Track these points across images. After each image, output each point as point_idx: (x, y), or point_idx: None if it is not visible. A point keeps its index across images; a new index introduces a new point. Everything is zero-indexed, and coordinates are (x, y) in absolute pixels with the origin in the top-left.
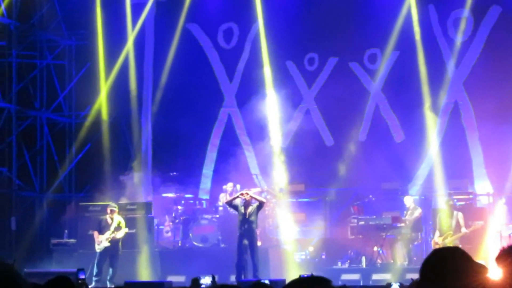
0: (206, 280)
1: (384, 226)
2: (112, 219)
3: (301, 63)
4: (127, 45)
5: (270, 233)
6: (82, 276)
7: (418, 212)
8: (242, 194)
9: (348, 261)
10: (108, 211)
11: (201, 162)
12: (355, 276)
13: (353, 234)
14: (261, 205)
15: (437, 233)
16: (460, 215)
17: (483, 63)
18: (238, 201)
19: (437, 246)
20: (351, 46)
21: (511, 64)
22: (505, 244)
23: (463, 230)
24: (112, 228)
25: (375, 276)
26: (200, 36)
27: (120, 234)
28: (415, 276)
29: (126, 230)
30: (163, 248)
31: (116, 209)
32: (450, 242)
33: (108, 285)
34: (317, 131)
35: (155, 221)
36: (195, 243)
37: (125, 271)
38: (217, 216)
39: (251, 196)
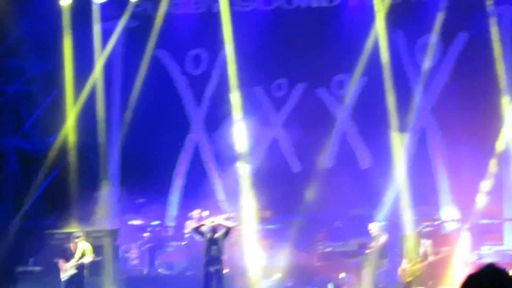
0: None
1: (351, 252)
2: (76, 247)
3: (269, 89)
4: (95, 71)
5: (236, 260)
6: None
7: (383, 238)
8: (209, 221)
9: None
10: (73, 239)
11: (168, 189)
12: None
13: (320, 261)
14: (228, 231)
15: (404, 260)
16: (427, 243)
17: (451, 89)
18: (204, 228)
19: (403, 272)
20: (319, 72)
21: (479, 90)
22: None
23: (430, 257)
24: (77, 256)
25: None
26: (168, 62)
27: (86, 260)
28: None
29: (93, 256)
30: (129, 276)
31: (81, 237)
32: (417, 269)
33: None
34: (284, 158)
35: (122, 248)
36: (161, 271)
37: None
38: (184, 243)
39: (218, 222)
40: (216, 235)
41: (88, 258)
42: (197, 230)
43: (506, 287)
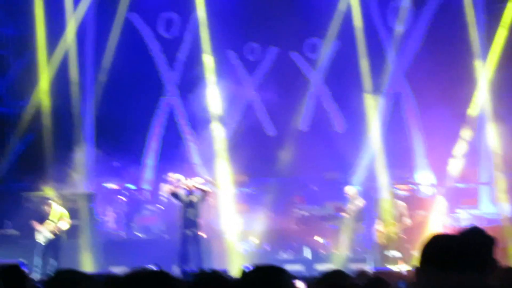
0: None
1: (327, 216)
2: (50, 209)
3: (242, 52)
4: (67, 34)
5: (213, 224)
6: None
7: (360, 202)
8: (185, 185)
9: (292, 251)
10: (48, 201)
11: (144, 152)
12: (298, 267)
13: (297, 224)
14: (204, 195)
15: (379, 222)
16: (403, 206)
17: (424, 53)
18: (181, 191)
19: (379, 235)
20: (292, 35)
21: (452, 54)
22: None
23: (407, 220)
24: (53, 219)
25: (318, 267)
26: (141, 26)
27: (63, 226)
28: (358, 266)
29: (69, 222)
30: (105, 239)
31: (54, 199)
32: (392, 231)
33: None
34: (259, 121)
35: (98, 211)
36: (138, 234)
37: (67, 263)
38: (160, 206)
39: (194, 186)
40: (193, 199)
41: (66, 225)
42: (173, 193)
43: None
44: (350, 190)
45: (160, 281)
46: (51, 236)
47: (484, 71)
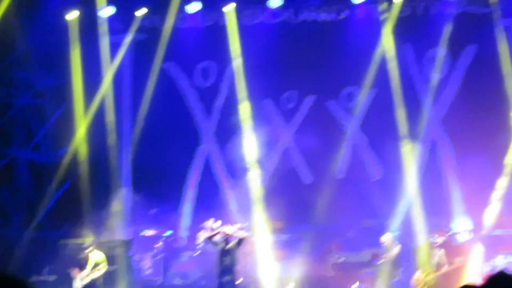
0: None
1: (364, 263)
2: (89, 257)
3: (279, 101)
4: (104, 84)
5: (249, 271)
6: None
7: (396, 249)
8: (222, 231)
9: None
10: (84, 249)
11: (180, 200)
12: None
13: (333, 271)
14: (241, 240)
15: (418, 271)
16: (441, 253)
17: (461, 101)
18: (218, 238)
19: (418, 284)
20: (329, 84)
21: (488, 103)
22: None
23: (444, 267)
24: (89, 267)
25: None
26: (177, 75)
27: (100, 271)
28: None
29: (106, 266)
30: (143, 286)
31: (92, 247)
32: (431, 279)
33: None
34: (295, 168)
35: (135, 258)
36: (176, 280)
37: None
38: (197, 253)
39: (231, 232)
40: (229, 245)
41: (102, 270)
42: (210, 240)
43: None
44: (387, 238)
45: None
46: (88, 281)
47: None
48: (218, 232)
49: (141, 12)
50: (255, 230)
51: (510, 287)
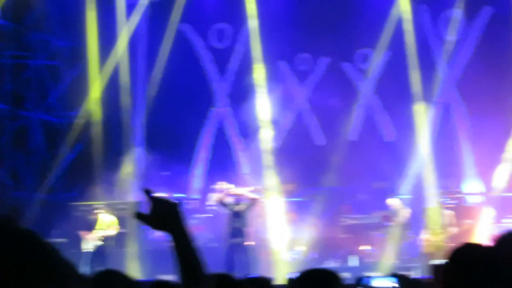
0: None
1: (374, 225)
2: (99, 218)
3: (293, 63)
4: (119, 45)
5: (260, 232)
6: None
7: (406, 212)
8: (234, 193)
9: (339, 260)
10: (93, 211)
11: (193, 162)
12: (346, 275)
13: (344, 233)
14: (252, 202)
15: (427, 232)
16: (451, 213)
17: (475, 63)
18: (229, 200)
19: (426, 244)
20: (343, 46)
21: (503, 64)
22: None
23: (454, 228)
24: (98, 228)
25: (366, 275)
26: (193, 36)
27: (111, 232)
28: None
29: (118, 228)
30: (153, 248)
31: (102, 209)
32: (440, 240)
33: None
34: (308, 130)
35: None
36: None
37: None
38: (208, 215)
39: (242, 194)
40: (240, 207)
41: (113, 231)
42: (221, 202)
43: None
44: (394, 201)
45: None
46: (98, 243)
47: None
48: (230, 194)
49: None
50: (266, 192)
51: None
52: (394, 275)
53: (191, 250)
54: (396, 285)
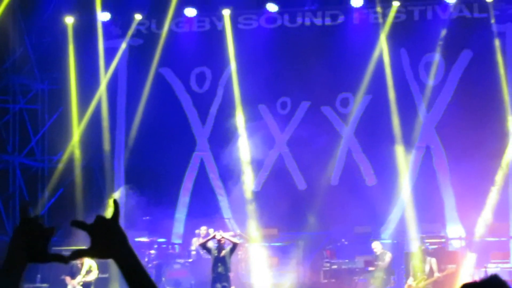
0: None
1: (357, 270)
2: (82, 263)
3: (274, 107)
4: (100, 89)
5: (243, 278)
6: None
7: (388, 256)
8: (215, 237)
9: None
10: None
11: (174, 206)
12: None
13: (326, 278)
14: (234, 247)
15: (410, 278)
16: (433, 260)
17: (455, 107)
18: (211, 244)
19: None
20: (324, 90)
21: (482, 108)
22: None
23: (436, 274)
24: (83, 272)
25: None
26: (173, 80)
27: (91, 277)
28: None
29: (97, 273)
30: None
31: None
32: (423, 286)
33: None
34: (289, 175)
35: None
36: None
37: None
38: (190, 260)
39: (224, 238)
40: (223, 252)
41: (93, 275)
42: (204, 246)
43: None
44: (377, 245)
45: None
46: None
47: None
48: (212, 239)
49: (137, 17)
50: (248, 237)
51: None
52: None
53: (143, 274)
54: None
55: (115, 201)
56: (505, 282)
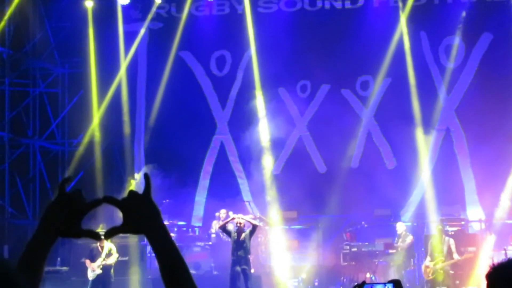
0: None
1: (377, 252)
2: (102, 246)
3: (294, 90)
4: (120, 73)
5: (262, 260)
6: None
7: (409, 238)
8: (234, 219)
9: (341, 287)
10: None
11: (194, 189)
12: None
13: (346, 261)
14: (254, 229)
15: (428, 258)
16: (451, 241)
17: (475, 90)
18: (231, 227)
19: (428, 271)
20: (343, 73)
21: (502, 90)
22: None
23: (455, 256)
24: (103, 255)
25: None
26: (193, 64)
27: (111, 260)
28: None
29: (117, 256)
30: (155, 276)
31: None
32: (441, 268)
33: None
34: (309, 158)
35: (148, 248)
36: None
37: None
38: (210, 243)
39: (244, 221)
40: (242, 235)
41: (113, 258)
42: (223, 228)
43: None
44: (400, 227)
45: None
46: (100, 272)
47: None
48: (230, 221)
49: (157, 1)
50: (268, 219)
51: None
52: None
53: (175, 249)
54: None
55: (146, 176)
56: None
